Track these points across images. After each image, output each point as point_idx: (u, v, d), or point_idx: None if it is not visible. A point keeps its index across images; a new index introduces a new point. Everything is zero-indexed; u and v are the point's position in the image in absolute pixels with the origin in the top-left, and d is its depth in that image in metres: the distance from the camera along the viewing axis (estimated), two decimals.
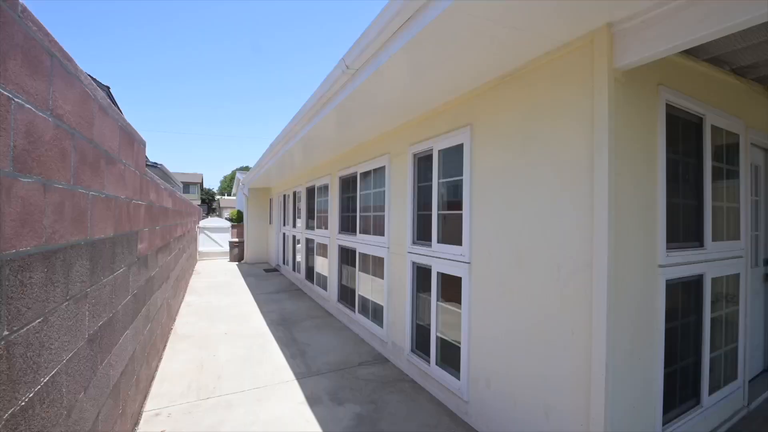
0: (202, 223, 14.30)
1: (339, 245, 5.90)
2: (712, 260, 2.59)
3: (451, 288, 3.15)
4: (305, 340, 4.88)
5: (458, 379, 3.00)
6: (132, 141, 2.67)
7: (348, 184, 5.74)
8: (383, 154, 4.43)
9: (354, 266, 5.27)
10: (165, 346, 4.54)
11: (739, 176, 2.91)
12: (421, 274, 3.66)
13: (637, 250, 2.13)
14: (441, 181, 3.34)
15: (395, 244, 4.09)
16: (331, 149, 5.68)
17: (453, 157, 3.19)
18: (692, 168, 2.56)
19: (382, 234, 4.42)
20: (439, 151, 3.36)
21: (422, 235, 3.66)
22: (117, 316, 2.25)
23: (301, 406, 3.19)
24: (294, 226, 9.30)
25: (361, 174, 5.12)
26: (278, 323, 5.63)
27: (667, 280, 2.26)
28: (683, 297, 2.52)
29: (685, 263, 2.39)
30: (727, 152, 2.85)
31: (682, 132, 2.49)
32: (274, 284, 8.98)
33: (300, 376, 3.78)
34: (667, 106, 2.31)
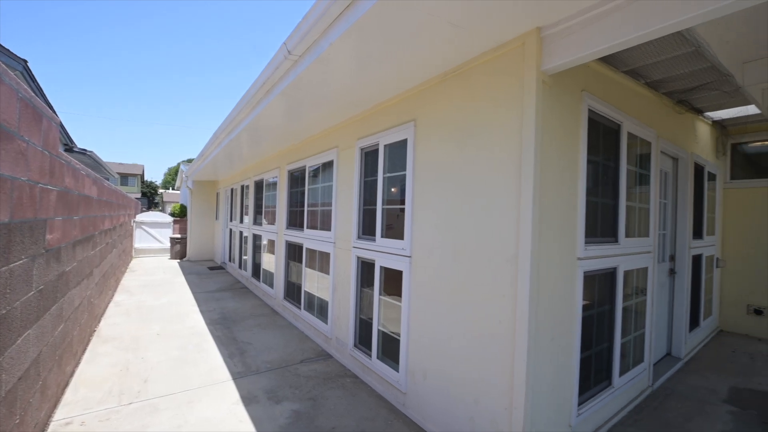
0: (140, 217, 13.21)
1: (286, 241, 5.74)
2: (625, 254, 2.86)
3: (393, 282, 3.19)
4: (246, 338, 4.69)
5: (397, 371, 3.05)
6: (39, 117, 2.38)
7: (296, 178, 5.60)
8: (332, 148, 4.38)
9: (301, 262, 5.16)
10: (85, 348, 4.13)
11: (650, 180, 3.25)
12: (366, 269, 3.66)
13: (559, 243, 2.29)
14: (386, 175, 3.37)
15: (341, 239, 4.06)
16: (280, 141, 5.50)
17: (398, 152, 3.22)
18: (610, 170, 2.81)
19: (328, 229, 4.37)
20: (384, 145, 3.38)
21: (367, 229, 3.66)
22: (13, 313, 1.99)
23: (235, 406, 3.05)
24: (241, 221, 8.91)
25: (309, 168, 5.02)
26: (218, 322, 5.36)
27: (584, 272, 2.46)
28: (599, 288, 2.76)
29: (601, 257, 2.61)
30: (641, 158, 3.16)
31: (602, 137, 2.72)
32: (218, 282, 8.54)
33: (237, 376, 3.62)
34: (590, 111, 2.51)
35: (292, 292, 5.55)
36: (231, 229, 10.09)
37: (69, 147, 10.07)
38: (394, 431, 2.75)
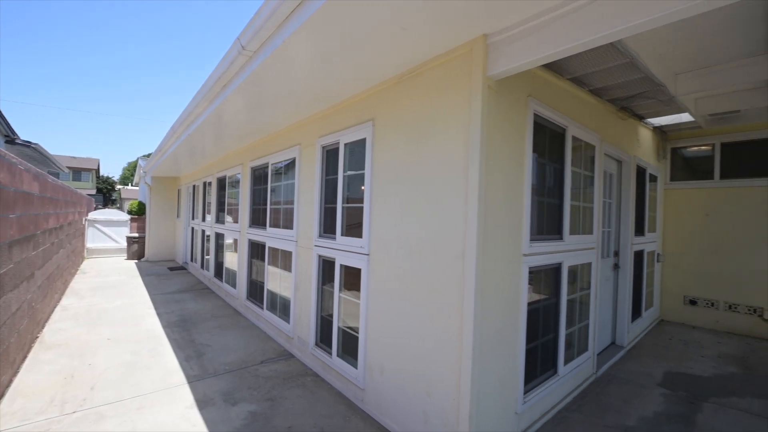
0: (94, 215, 12.46)
1: (249, 240, 5.63)
2: (569, 251, 3.05)
3: (353, 280, 3.23)
4: (205, 341, 4.57)
5: (356, 368, 3.09)
6: None
7: (259, 176, 5.50)
8: (294, 146, 4.34)
9: (263, 261, 5.08)
10: (26, 356, 3.87)
11: (594, 181, 3.47)
12: (327, 267, 3.68)
13: (506, 241, 2.42)
14: (346, 174, 3.39)
15: (303, 238, 4.05)
16: (242, 137, 5.39)
17: (357, 151, 3.26)
18: (556, 172, 2.99)
19: (290, 227, 4.33)
20: (345, 144, 3.40)
21: (328, 228, 3.68)
22: None
23: (189, 410, 2.98)
24: (204, 219, 8.62)
25: (272, 165, 4.95)
26: (176, 325, 5.18)
27: (530, 267, 2.60)
28: (545, 282, 2.93)
29: (546, 253, 2.78)
30: (585, 160, 3.38)
31: (548, 140, 2.89)
32: (178, 283, 8.23)
33: (193, 379, 3.53)
34: (535, 115, 2.65)
35: (255, 291, 5.46)
36: (193, 228, 9.74)
37: (10, 139, 9.33)
38: (352, 427, 2.80)
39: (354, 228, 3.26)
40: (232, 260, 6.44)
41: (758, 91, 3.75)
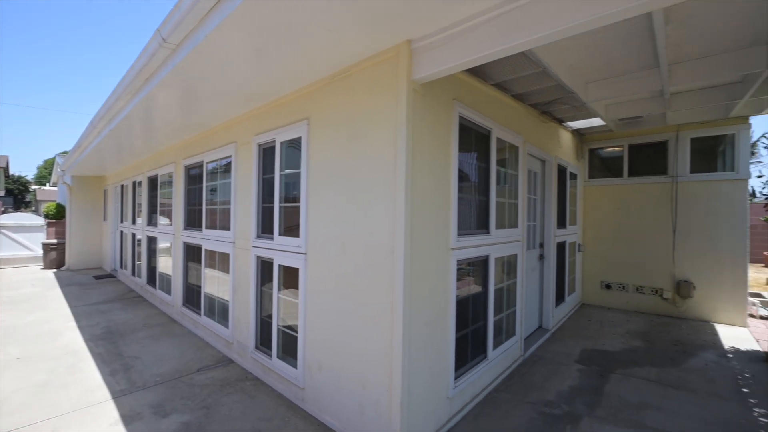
0: (1, 219, 10.97)
1: (184, 242, 5.33)
2: (496, 243, 3.30)
3: (291, 280, 3.22)
4: (135, 353, 4.27)
5: (296, 368, 3.09)
6: None
7: (194, 175, 5.23)
8: (230, 143, 4.20)
9: (200, 265, 4.85)
10: None
11: (518, 179, 3.78)
12: (265, 268, 3.61)
13: (434, 236, 2.56)
14: (283, 173, 3.36)
15: (241, 239, 3.93)
16: (175, 134, 5.08)
17: (294, 149, 3.24)
18: (482, 171, 3.21)
19: (228, 228, 4.19)
20: (281, 142, 3.37)
21: (266, 228, 3.61)
22: None
23: (113, 427, 2.79)
24: (134, 222, 7.98)
25: (207, 163, 4.74)
26: (102, 338, 4.77)
27: (458, 260, 2.78)
28: (473, 273, 3.14)
29: (473, 246, 2.98)
30: (510, 160, 3.66)
31: (474, 141, 3.10)
32: (106, 293, 7.55)
33: (119, 395, 3.30)
34: (461, 118, 2.83)
35: (192, 297, 5.19)
36: (122, 232, 8.97)
37: None
38: (291, 427, 2.80)
39: (291, 227, 3.24)
40: (167, 265, 6.05)
41: (655, 100, 4.32)
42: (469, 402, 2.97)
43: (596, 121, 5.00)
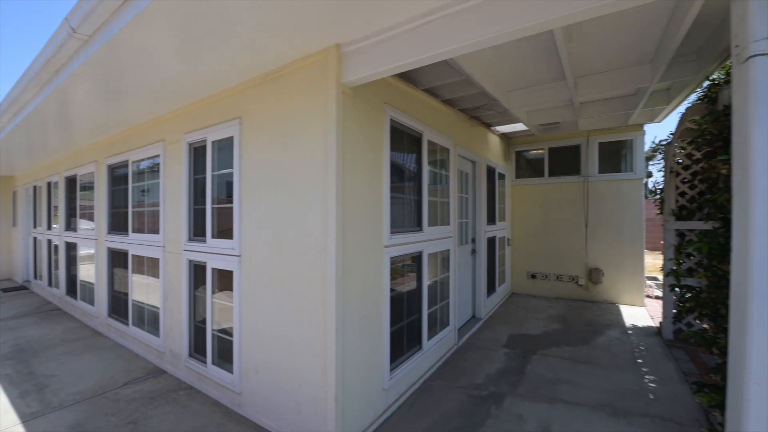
0: None
1: (109, 248, 4.86)
2: (429, 240, 3.45)
3: (226, 283, 3.09)
4: (51, 371, 3.82)
5: (232, 373, 2.97)
6: None
7: (119, 175, 4.79)
8: (158, 142, 3.91)
9: (127, 271, 4.46)
10: None
11: (449, 180, 3.97)
12: (198, 272, 3.43)
13: (367, 234, 2.61)
14: (215, 173, 3.21)
15: (171, 243, 3.69)
16: (96, 130, 4.60)
17: (226, 149, 3.11)
18: (414, 171, 3.33)
19: (157, 232, 3.90)
20: (212, 142, 3.21)
21: (198, 230, 3.43)
22: None
23: None
24: (50, 227, 7.09)
25: (133, 163, 4.36)
26: (9, 357, 4.20)
27: (391, 257, 2.87)
28: (407, 268, 3.26)
29: (407, 243, 3.09)
30: (441, 161, 3.84)
31: (406, 143, 3.20)
32: (16, 307, 6.64)
33: (30, 418, 2.94)
34: (392, 121, 2.91)
35: (118, 307, 4.75)
36: (36, 238, 7.93)
37: None
38: None
39: (224, 229, 3.11)
40: (89, 273, 5.47)
41: (567, 108, 4.77)
42: (406, 391, 3.08)
43: (520, 126, 5.41)
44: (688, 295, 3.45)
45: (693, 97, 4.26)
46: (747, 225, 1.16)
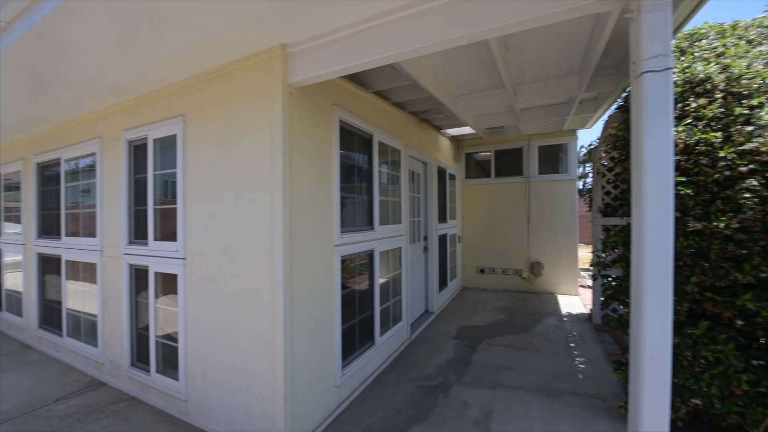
0: None
1: (38, 253, 4.38)
2: (380, 239, 3.47)
3: (170, 287, 2.90)
4: None
5: (177, 380, 2.80)
6: None
7: (50, 174, 4.33)
8: (94, 139, 3.58)
9: (60, 278, 4.04)
10: None
11: (400, 180, 4.03)
12: (140, 277, 3.19)
13: (316, 233, 2.58)
14: (157, 173, 3.00)
15: (109, 246, 3.40)
16: (22, 125, 4.11)
17: (168, 148, 2.92)
18: (365, 172, 3.34)
19: (93, 235, 3.57)
20: (154, 140, 3.00)
21: (140, 233, 3.19)
22: None
23: None
24: None
25: (66, 161, 3.96)
26: None
27: (342, 256, 2.85)
28: (359, 267, 3.26)
29: (358, 242, 3.09)
30: (393, 162, 3.89)
31: (357, 144, 3.20)
32: None
33: None
34: (342, 122, 2.90)
35: (51, 317, 4.30)
36: None
37: None
38: None
39: (168, 231, 2.92)
40: (16, 282, 4.89)
41: (509, 113, 5.02)
42: (359, 387, 3.08)
43: (468, 130, 5.61)
44: (614, 284, 3.79)
45: (615, 106, 4.67)
46: (641, 219, 1.29)
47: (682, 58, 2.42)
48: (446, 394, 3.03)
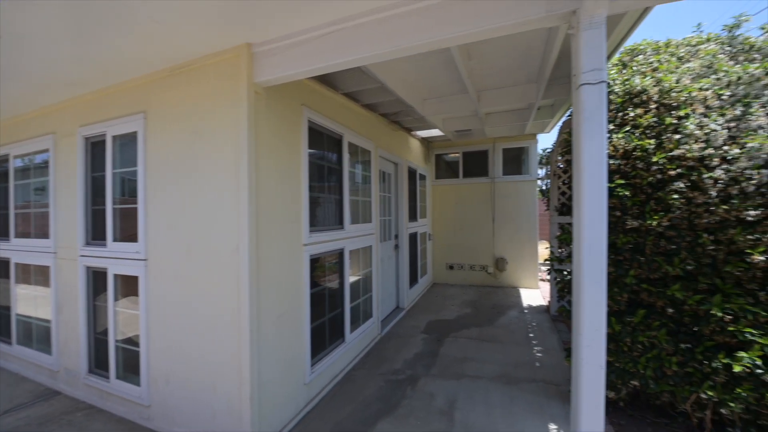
0: None
1: None
2: (350, 237, 3.50)
3: (131, 289, 2.78)
4: None
5: (139, 385, 2.69)
6: None
7: None
8: (47, 134, 3.36)
9: (8, 282, 3.75)
10: None
11: (371, 180, 4.07)
12: (98, 279, 3.03)
13: (285, 233, 2.56)
14: (116, 171, 2.87)
15: (64, 248, 3.20)
16: None
17: (129, 145, 2.79)
18: (335, 172, 3.35)
19: (47, 236, 3.35)
20: (113, 136, 2.86)
21: (97, 234, 3.03)
22: None
23: None
24: None
25: (15, 158, 3.69)
26: None
27: (311, 255, 2.85)
28: (329, 265, 3.27)
29: (327, 241, 3.10)
30: (363, 162, 3.92)
31: (327, 145, 3.21)
32: None
33: None
34: (310, 122, 2.89)
35: None
36: None
37: None
38: None
39: (128, 232, 2.79)
40: None
41: (474, 117, 5.18)
42: (329, 383, 3.09)
43: (437, 132, 5.74)
44: (567, 278, 4.02)
45: (569, 113, 4.95)
46: (580, 218, 1.40)
47: (624, 71, 2.62)
48: (414, 387, 3.10)
